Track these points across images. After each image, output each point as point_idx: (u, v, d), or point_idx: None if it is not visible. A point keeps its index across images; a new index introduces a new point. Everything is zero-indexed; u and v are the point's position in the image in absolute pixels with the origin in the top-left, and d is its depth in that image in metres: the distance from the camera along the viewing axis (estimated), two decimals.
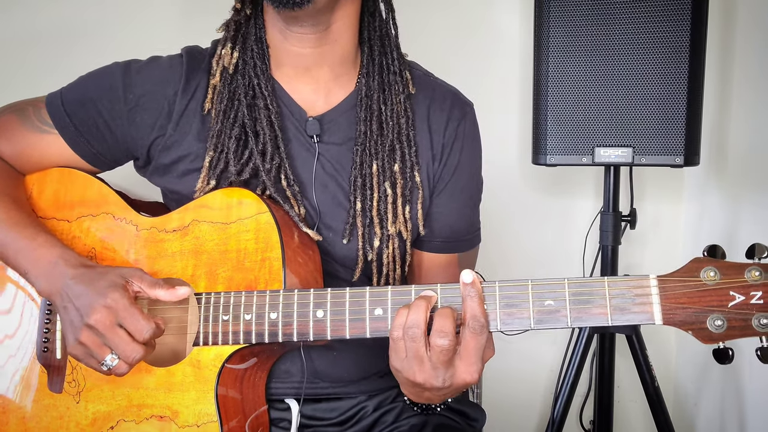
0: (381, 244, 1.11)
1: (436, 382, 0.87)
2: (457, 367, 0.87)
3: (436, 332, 0.85)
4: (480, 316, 0.86)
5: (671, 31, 1.56)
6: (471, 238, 1.23)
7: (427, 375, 0.87)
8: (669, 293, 0.83)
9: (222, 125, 1.09)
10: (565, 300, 0.86)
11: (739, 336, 0.81)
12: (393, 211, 1.11)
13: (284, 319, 0.96)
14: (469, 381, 0.87)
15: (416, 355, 0.87)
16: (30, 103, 1.15)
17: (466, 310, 0.86)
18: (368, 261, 1.12)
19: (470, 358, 0.86)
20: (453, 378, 0.87)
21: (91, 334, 0.94)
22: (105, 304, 0.94)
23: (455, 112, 1.17)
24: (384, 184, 1.11)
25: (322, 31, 1.07)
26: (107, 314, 0.94)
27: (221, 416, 0.98)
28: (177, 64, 1.12)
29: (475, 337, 0.85)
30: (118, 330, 0.94)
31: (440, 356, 0.85)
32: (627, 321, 0.84)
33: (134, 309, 0.94)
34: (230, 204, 1.04)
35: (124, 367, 0.95)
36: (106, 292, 0.95)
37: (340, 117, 1.13)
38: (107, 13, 2.01)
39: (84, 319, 0.95)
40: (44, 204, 1.14)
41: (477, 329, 0.85)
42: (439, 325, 0.85)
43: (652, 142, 1.60)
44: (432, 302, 0.89)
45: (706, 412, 1.96)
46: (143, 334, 0.93)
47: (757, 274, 0.81)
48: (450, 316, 0.86)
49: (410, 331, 0.86)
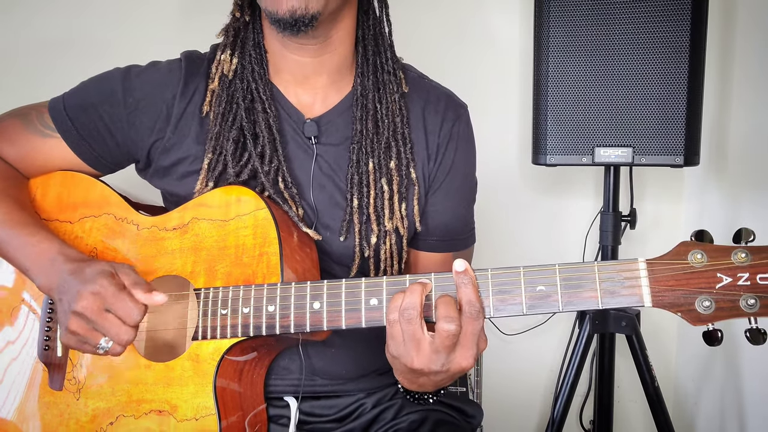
0: (378, 240, 1.12)
1: (434, 365, 0.89)
2: (456, 353, 0.88)
3: (442, 318, 0.86)
4: (475, 301, 0.87)
5: (671, 31, 1.56)
6: (466, 237, 1.25)
7: (426, 359, 0.88)
8: (657, 276, 0.85)
9: (220, 128, 1.10)
10: (557, 285, 0.87)
11: (727, 317, 0.82)
12: (390, 208, 1.12)
13: (282, 311, 0.96)
14: (465, 366, 0.89)
15: (413, 337, 0.88)
16: (33, 108, 1.17)
17: (461, 297, 0.88)
18: (365, 258, 1.13)
19: (468, 344, 0.88)
20: (451, 363, 0.89)
21: (80, 321, 0.96)
22: (92, 290, 0.95)
23: (449, 114, 1.18)
24: (380, 181, 1.12)
25: (322, 42, 1.08)
26: (94, 300, 0.95)
27: (219, 409, 0.98)
28: (176, 68, 1.14)
29: (472, 322, 0.87)
30: (107, 315, 0.95)
31: (446, 341, 0.87)
32: (617, 304, 0.86)
33: (122, 294, 0.95)
34: (229, 201, 1.05)
35: (118, 348, 0.96)
36: (94, 279, 0.96)
37: (337, 118, 1.14)
38: (105, 18, 2.02)
39: (71, 306, 0.96)
40: (48, 206, 1.15)
41: (474, 314, 0.87)
42: (444, 312, 0.87)
43: (652, 142, 1.60)
44: (427, 289, 0.91)
45: (706, 411, 1.96)
46: (133, 317, 0.95)
47: (744, 256, 0.82)
48: (452, 303, 0.88)
49: (406, 312, 0.87)
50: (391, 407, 1.20)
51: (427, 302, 0.90)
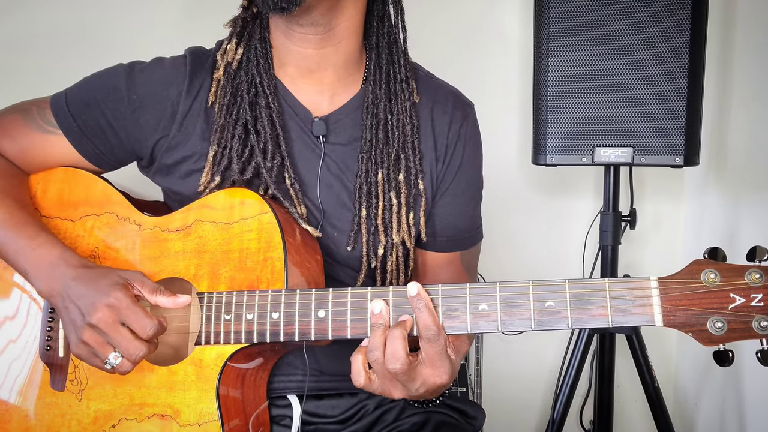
0: (385, 251, 1.13)
1: (411, 392, 0.92)
2: (425, 375, 0.91)
3: (389, 359, 0.88)
4: (432, 324, 0.88)
5: (671, 31, 1.56)
6: (473, 235, 1.24)
7: (401, 391, 0.92)
8: (669, 295, 0.83)
9: (225, 120, 1.09)
10: (566, 301, 0.86)
11: (739, 338, 0.81)
12: (398, 221, 1.12)
13: (286, 319, 0.96)
14: (441, 383, 0.91)
15: (384, 375, 0.91)
16: (34, 103, 1.16)
17: (418, 321, 0.89)
18: (372, 268, 1.13)
19: (434, 363, 0.90)
20: (425, 384, 0.91)
21: (94, 333, 0.95)
22: (107, 303, 0.94)
23: (457, 114, 1.18)
24: (389, 194, 1.12)
25: (324, 33, 1.07)
26: (109, 313, 0.94)
27: (222, 415, 0.98)
28: (180, 64, 1.13)
29: (432, 345, 0.89)
30: (121, 328, 0.94)
31: (401, 376, 0.89)
32: (627, 322, 0.84)
33: (137, 307, 0.95)
34: (233, 204, 1.04)
35: (127, 365, 0.95)
36: (109, 291, 0.95)
37: (345, 118, 1.13)
38: (106, 14, 2.01)
39: (86, 318, 0.95)
40: (48, 203, 1.14)
41: (432, 338, 0.89)
42: (390, 351, 0.88)
43: (652, 142, 1.60)
44: (385, 326, 0.91)
45: (706, 412, 1.97)
46: (147, 331, 0.94)
47: (758, 277, 0.81)
48: (399, 337, 0.88)
49: (370, 354, 0.90)
50: (393, 409, 1.20)
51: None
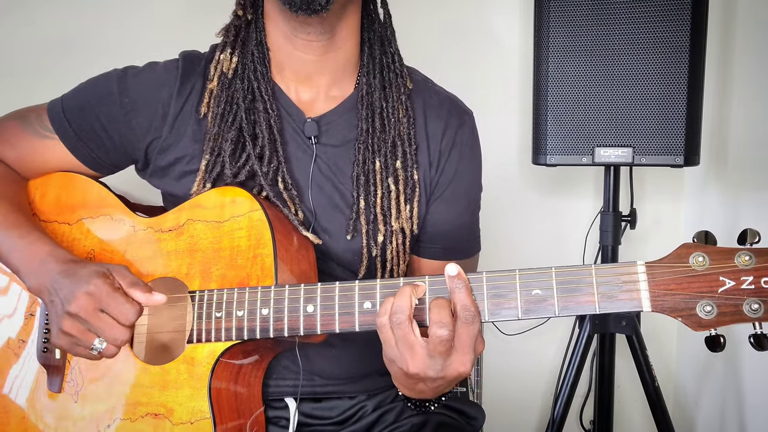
0: (385, 239, 1.11)
1: (430, 372, 0.87)
2: (452, 358, 0.86)
3: (435, 323, 0.84)
4: (470, 305, 0.85)
5: (671, 31, 1.56)
6: (470, 245, 1.22)
7: (421, 364, 0.87)
8: (657, 279, 0.82)
9: (219, 128, 1.09)
10: (553, 288, 0.85)
11: (729, 322, 0.79)
12: (396, 207, 1.11)
13: (275, 315, 0.96)
14: (462, 372, 0.87)
15: (406, 342, 0.86)
16: (32, 110, 1.17)
17: (456, 301, 0.86)
18: (372, 257, 1.12)
19: (464, 349, 0.86)
20: (447, 369, 0.87)
21: (75, 322, 0.95)
22: (87, 291, 0.95)
23: (452, 120, 1.16)
24: (387, 180, 1.11)
25: (328, 39, 1.07)
26: (88, 300, 0.94)
27: (214, 413, 0.98)
28: (173, 68, 1.13)
29: (467, 327, 0.85)
30: (102, 315, 0.95)
31: (439, 347, 0.85)
32: (615, 308, 0.83)
33: (117, 293, 0.95)
34: (224, 202, 1.04)
35: (113, 349, 0.96)
36: (88, 279, 0.95)
37: (339, 118, 1.13)
38: (106, 19, 2.02)
39: (65, 307, 0.95)
40: (46, 208, 1.16)
41: (469, 319, 0.85)
42: (437, 317, 0.85)
43: (652, 142, 1.60)
44: (419, 291, 0.89)
45: (706, 411, 1.96)
46: (128, 317, 0.94)
47: (748, 259, 0.79)
48: (446, 307, 0.85)
49: (395, 317, 0.86)
50: (392, 410, 1.19)
51: (421, 306, 0.89)
